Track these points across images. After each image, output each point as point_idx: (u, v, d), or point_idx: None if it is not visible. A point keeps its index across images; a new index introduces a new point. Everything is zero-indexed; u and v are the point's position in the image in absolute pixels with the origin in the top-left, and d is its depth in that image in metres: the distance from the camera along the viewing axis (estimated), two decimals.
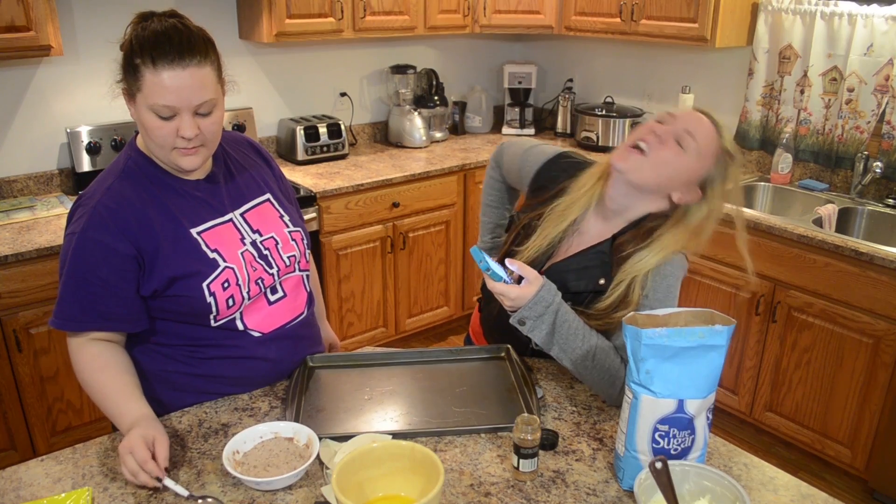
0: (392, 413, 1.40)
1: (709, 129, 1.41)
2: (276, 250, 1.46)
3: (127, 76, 1.27)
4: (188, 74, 1.23)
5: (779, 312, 2.67)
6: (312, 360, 1.57)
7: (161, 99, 1.23)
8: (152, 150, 1.33)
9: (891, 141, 2.80)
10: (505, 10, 3.65)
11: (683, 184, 1.43)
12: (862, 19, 2.77)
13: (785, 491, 1.20)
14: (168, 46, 1.22)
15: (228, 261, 1.38)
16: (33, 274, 2.36)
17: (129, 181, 1.34)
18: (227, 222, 1.42)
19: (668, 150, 1.40)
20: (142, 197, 1.34)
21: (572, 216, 1.51)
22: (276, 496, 1.17)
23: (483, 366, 1.58)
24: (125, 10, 2.92)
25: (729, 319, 1.13)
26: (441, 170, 3.33)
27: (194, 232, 1.36)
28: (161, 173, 1.37)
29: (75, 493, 1.14)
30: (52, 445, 2.52)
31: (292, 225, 1.52)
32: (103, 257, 1.29)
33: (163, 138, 1.27)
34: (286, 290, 1.49)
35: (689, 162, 1.40)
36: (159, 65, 1.22)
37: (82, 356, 1.34)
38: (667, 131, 1.41)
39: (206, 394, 1.45)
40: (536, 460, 1.21)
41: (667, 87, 3.62)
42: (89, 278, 1.29)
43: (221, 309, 1.36)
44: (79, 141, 2.84)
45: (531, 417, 1.19)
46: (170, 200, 1.36)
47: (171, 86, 1.22)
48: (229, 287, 1.36)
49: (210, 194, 1.41)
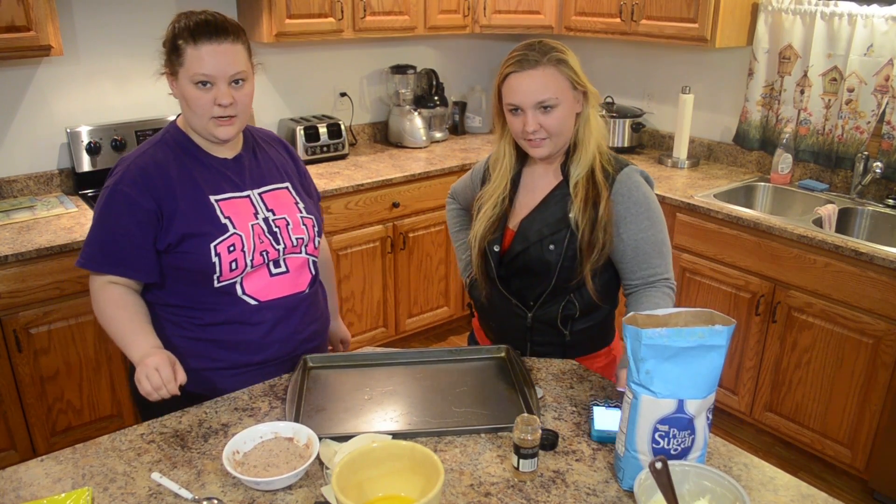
0: (392, 413, 1.40)
1: (541, 81, 1.50)
2: (286, 230, 1.58)
3: (171, 58, 1.46)
4: (223, 49, 1.43)
5: (779, 312, 2.67)
6: (312, 359, 1.58)
7: (200, 69, 1.42)
8: (192, 123, 1.50)
9: (891, 141, 2.80)
10: (505, 11, 3.65)
11: (572, 110, 1.56)
12: (862, 19, 2.77)
13: (785, 491, 1.20)
14: (206, 27, 1.43)
15: (238, 228, 1.51)
16: (33, 274, 2.36)
17: (162, 149, 1.53)
18: (244, 197, 1.56)
19: (547, 118, 1.52)
20: (171, 163, 1.51)
21: (505, 178, 1.66)
22: (276, 496, 1.17)
23: (483, 366, 1.58)
24: (125, 10, 2.92)
25: (729, 319, 1.13)
26: (441, 170, 3.33)
27: (213, 198, 1.52)
28: (194, 147, 1.54)
29: (75, 493, 1.14)
30: (52, 445, 2.52)
31: (305, 212, 1.64)
32: (128, 209, 1.46)
33: (202, 107, 1.44)
34: (289, 266, 1.59)
35: (562, 109, 1.53)
36: (199, 41, 1.41)
37: (102, 294, 1.49)
38: (532, 118, 1.52)
39: (205, 358, 1.54)
40: (536, 460, 1.21)
41: (667, 87, 3.62)
42: (113, 226, 1.47)
43: (224, 270, 1.49)
44: (79, 141, 2.84)
45: (531, 417, 1.19)
46: (196, 170, 1.53)
47: (209, 58, 1.41)
48: (234, 251, 1.49)
49: (234, 172, 1.57)
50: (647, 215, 1.57)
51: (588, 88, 1.56)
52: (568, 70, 1.52)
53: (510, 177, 1.67)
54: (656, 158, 3.52)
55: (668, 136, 3.63)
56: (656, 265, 1.57)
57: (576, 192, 1.57)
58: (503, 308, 1.70)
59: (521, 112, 1.54)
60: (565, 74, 1.52)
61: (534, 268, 1.61)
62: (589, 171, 1.57)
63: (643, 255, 1.57)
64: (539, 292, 1.63)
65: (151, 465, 1.25)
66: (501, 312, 1.71)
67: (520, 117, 1.54)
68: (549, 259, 1.59)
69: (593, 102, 1.58)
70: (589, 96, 1.57)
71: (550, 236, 1.58)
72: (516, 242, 1.63)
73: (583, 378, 1.55)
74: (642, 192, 1.58)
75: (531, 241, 1.60)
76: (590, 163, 1.58)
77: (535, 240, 1.60)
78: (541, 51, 1.52)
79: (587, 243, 1.56)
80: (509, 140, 1.66)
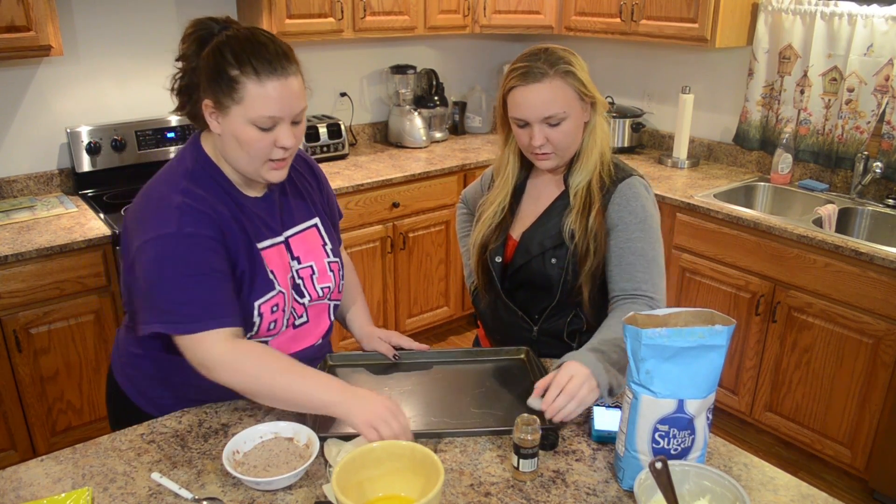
0: (409, 413, 1.40)
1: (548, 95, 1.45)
2: (310, 280, 1.42)
3: (217, 90, 1.21)
4: (290, 84, 1.22)
5: (779, 312, 2.67)
6: (332, 358, 1.58)
7: (266, 111, 1.20)
8: (237, 163, 1.27)
9: (891, 141, 2.80)
10: (505, 11, 3.65)
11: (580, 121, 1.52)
12: (862, 19, 2.77)
13: (785, 491, 1.20)
14: (268, 55, 1.20)
15: (281, 285, 1.34)
16: (33, 274, 2.36)
17: (199, 183, 1.28)
18: (280, 243, 1.38)
19: (554, 132, 1.48)
20: (215, 200, 1.28)
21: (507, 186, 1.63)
22: (276, 496, 1.17)
23: (502, 367, 1.58)
24: (125, 11, 2.92)
25: (729, 319, 1.13)
26: (441, 170, 3.33)
27: (259, 246, 1.33)
28: (226, 182, 1.32)
29: (75, 493, 1.14)
30: (52, 445, 2.53)
31: (332, 255, 1.48)
32: (211, 249, 1.23)
33: (260, 151, 1.23)
34: (310, 316, 1.46)
35: (570, 122, 1.49)
36: (263, 75, 1.19)
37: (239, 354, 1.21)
38: (539, 132, 1.48)
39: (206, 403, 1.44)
40: (536, 460, 1.21)
41: (667, 88, 3.62)
42: (204, 271, 1.21)
43: (262, 330, 1.33)
44: (79, 141, 2.84)
45: (531, 417, 1.19)
46: (236, 211, 1.31)
47: (277, 96, 1.20)
48: (276, 311, 1.33)
49: (267, 213, 1.37)
50: (640, 227, 1.50)
51: (596, 97, 1.51)
52: (575, 81, 1.47)
53: (513, 185, 1.64)
54: (656, 158, 3.52)
55: (668, 136, 3.63)
56: (640, 279, 1.47)
57: (574, 202, 1.54)
58: (508, 320, 1.67)
59: (527, 126, 1.49)
60: (573, 86, 1.47)
61: (536, 281, 1.58)
62: (588, 182, 1.54)
63: (627, 265, 1.49)
64: (544, 306, 1.60)
65: (151, 465, 1.25)
66: (506, 323, 1.68)
67: (526, 130, 1.49)
68: (550, 273, 1.55)
69: (601, 110, 1.54)
70: (597, 105, 1.52)
71: (552, 250, 1.55)
72: (518, 255, 1.60)
73: None
74: (640, 204, 1.52)
75: (533, 255, 1.57)
76: (591, 172, 1.54)
77: (536, 253, 1.56)
78: (547, 61, 1.45)
79: (581, 254, 1.52)
80: (514, 149, 1.61)
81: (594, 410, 1.35)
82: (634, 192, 1.53)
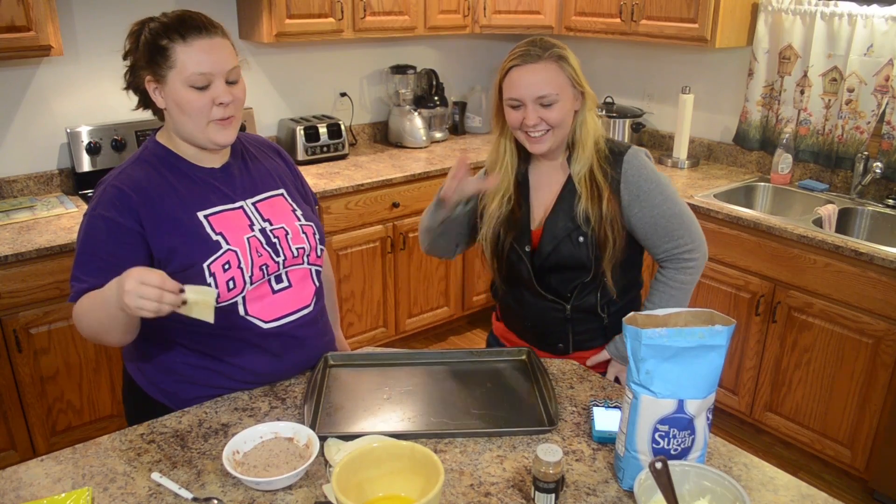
0: (410, 413, 1.40)
1: (543, 75, 1.54)
2: (285, 240, 1.49)
3: (153, 63, 1.33)
4: (216, 43, 1.34)
5: (779, 312, 2.67)
6: (333, 357, 1.58)
7: (197, 67, 1.31)
8: (185, 130, 1.39)
9: (891, 141, 2.80)
10: (505, 11, 3.65)
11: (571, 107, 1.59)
12: (862, 19, 2.77)
13: (785, 491, 1.20)
14: (192, 22, 1.32)
15: (232, 244, 1.41)
16: (33, 274, 2.36)
17: (141, 166, 1.42)
18: (236, 209, 1.46)
19: (548, 113, 1.54)
20: (152, 180, 1.40)
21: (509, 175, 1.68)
22: (276, 496, 1.17)
23: (503, 368, 1.58)
24: (125, 11, 2.92)
25: (729, 319, 1.13)
26: (441, 170, 3.33)
27: (200, 215, 1.41)
28: (177, 160, 1.44)
29: (75, 493, 1.14)
30: (52, 445, 2.52)
31: (304, 219, 1.54)
32: (109, 232, 1.35)
33: (200, 110, 1.34)
34: (292, 280, 1.50)
35: (561, 105, 1.55)
36: (189, 38, 1.31)
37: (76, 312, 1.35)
38: (533, 111, 1.54)
39: (211, 387, 1.46)
40: (554, 497, 1.13)
41: (667, 88, 3.62)
42: (98, 252, 1.35)
43: (222, 291, 1.38)
44: (79, 141, 2.84)
45: (553, 448, 1.12)
46: (181, 185, 1.42)
47: (205, 54, 1.32)
48: (230, 269, 1.39)
49: (223, 182, 1.47)
50: (658, 191, 1.60)
51: (586, 90, 1.59)
52: (568, 67, 1.56)
53: (513, 177, 1.69)
54: (656, 158, 3.52)
55: (668, 136, 3.63)
56: (679, 236, 1.62)
57: (581, 189, 1.61)
58: (537, 306, 1.71)
59: (521, 106, 1.56)
60: (566, 71, 1.56)
61: (567, 263, 1.63)
62: (589, 170, 1.61)
63: (662, 230, 1.61)
64: (575, 285, 1.66)
65: (151, 465, 1.25)
66: (536, 310, 1.72)
67: (520, 111, 1.57)
68: (581, 251, 1.61)
69: (590, 105, 1.61)
70: (586, 98, 1.60)
71: (577, 229, 1.61)
72: (545, 242, 1.64)
73: (583, 378, 1.55)
74: (650, 170, 1.62)
75: (560, 238, 1.62)
76: (589, 161, 1.61)
77: (563, 235, 1.62)
78: (542, 46, 1.55)
79: (601, 240, 1.59)
80: (509, 137, 1.67)
81: (594, 411, 1.35)
82: (641, 161, 1.62)
